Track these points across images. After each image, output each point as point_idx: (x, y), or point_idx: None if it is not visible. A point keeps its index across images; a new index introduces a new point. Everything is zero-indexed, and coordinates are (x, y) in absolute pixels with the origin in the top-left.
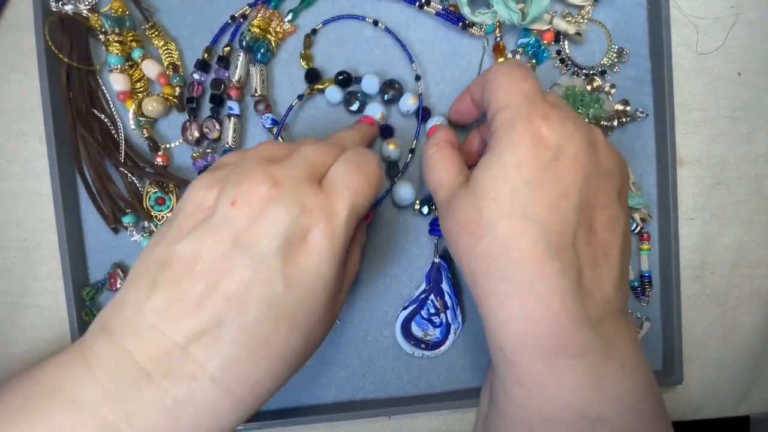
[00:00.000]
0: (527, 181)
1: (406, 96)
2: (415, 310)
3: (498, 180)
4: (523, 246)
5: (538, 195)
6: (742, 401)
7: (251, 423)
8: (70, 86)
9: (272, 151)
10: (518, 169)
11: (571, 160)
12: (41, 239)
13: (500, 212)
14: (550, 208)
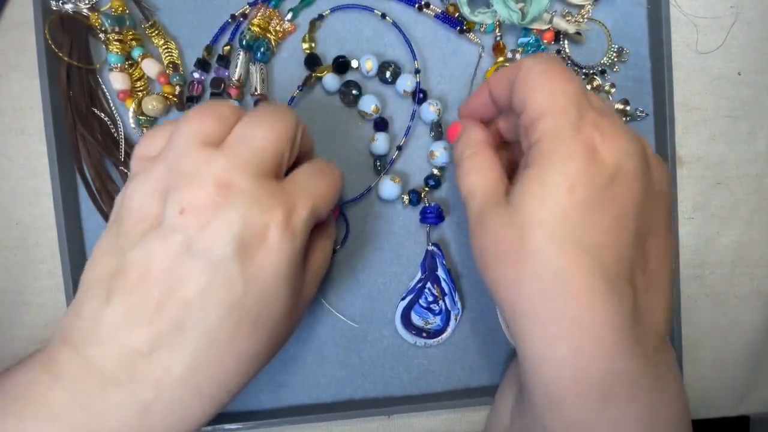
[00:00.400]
0: (581, 204)
1: (404, 77)
2: (413, 299)
3: (547, 203)
4: (578, 280)
5: (592, 220)
6: (742, 401)
7: (250, 422)
8: (70, 85)
9: (207, 127)
10: (571, 192)
11: (629, 180)
12: (41, 238)
13: (548, 241)
14: (606, 234)
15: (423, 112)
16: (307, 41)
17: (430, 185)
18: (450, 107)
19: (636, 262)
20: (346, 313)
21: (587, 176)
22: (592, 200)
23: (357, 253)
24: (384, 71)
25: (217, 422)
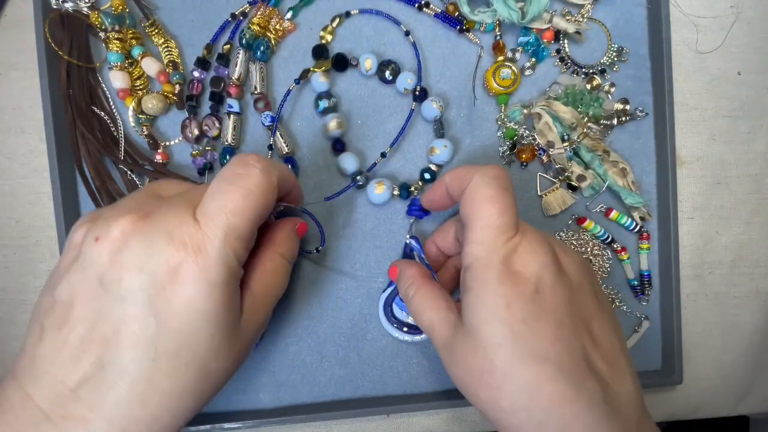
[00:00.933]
0: (522, 320)
1: (404, 75)
2: (393, 291)
3: (494, 324)
4: (546, 390)
5: (538, 332)
6: (742, 401)
7: (250, 421)
8: (70, 83)
9: (167, 187)
10: (509, 309)
11: (550, 288)
12: (40, 237)
13: (510, 359)
14: (553, 341)
15: (425, 110)
16: (327, 32)
17: (425, 179)
18: (450, 105)
19: (589, 352)
20: (346, 313)
21: (517, 293)
22: (529, 312)
23: (356, 252)
24: (383, 70)
25: (216, 421)
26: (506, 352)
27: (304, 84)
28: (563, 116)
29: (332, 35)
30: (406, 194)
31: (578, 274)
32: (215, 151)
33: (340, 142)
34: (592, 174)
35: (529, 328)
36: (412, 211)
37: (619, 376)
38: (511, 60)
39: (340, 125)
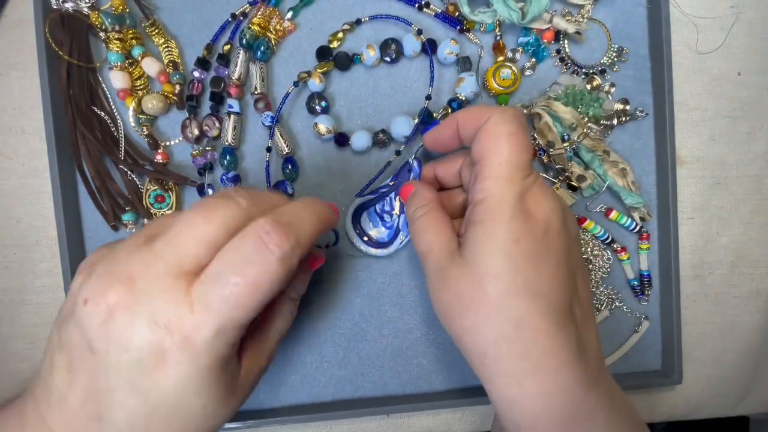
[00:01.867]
0: (528, 256)
1: (408, 39)
2: (372, 201)
3: (498, 256)
4: (534, 323)
5: (539, 269)
6: (742, 401)
7: (250, 421)
8: (70, 84)
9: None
10: (517, 244)
11: (557, 232)
12: (41, 236)
13: (507, 290)
14: (551, 280)
15: (441, 59)
16: (335, 38)
17: (453, 107)
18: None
19: (573, 299)
20: (346, 313)
21: (528, 230)
22: (535, 250)
23: (356, 253)
24: (386, 50)
25: None
26: (503, 284)
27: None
28: (563, 116)
29: (340, 42)
30: (428, 118)
31: (574, 229)
32: (215, 151)
33: (342, 135)
34: (592, 174)
35: (532, 265)
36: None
37: (589, 325)
38: (511, 60)
39: (329, 131)
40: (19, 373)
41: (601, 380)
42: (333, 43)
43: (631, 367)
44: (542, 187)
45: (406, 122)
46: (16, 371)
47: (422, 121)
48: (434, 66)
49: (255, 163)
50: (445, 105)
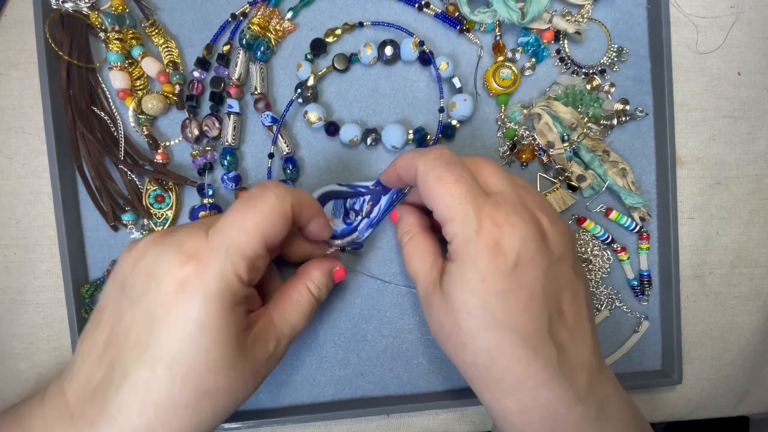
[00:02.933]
0: (495, 293)
1: (407, 43)
2: (344, 193)
3: (467, 294)
4: (506, 353)
5: (507, 305)
6: (741, 401)
7: (250, 422)
8: (70, 84)
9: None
10: (484, 283)
11: (530, 262)
12: (40, 237)
13: (477, 325)
14: (522, 313)
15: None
16: (331, 34)
17: (444, 134)
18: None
19: (554, 321)
20: (346, 314)
21: (495, 269)
22: (502, 287)
23: (357, 253)
24: (383, 49)
25: None
26: (474, 320)
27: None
28: (563, 116)
29: (337, 38)
30: (421, 139)
31: (562, 244)
32: (215, 151)
33: (333, 125)
34: (592, 174)
35: (499, 301)
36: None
37: (578, 342)
38: (511, 60)
39: (319, 119)
40: (19, 372)
41: (592, 394)
42: (329, 38)
43: (631, 367)
44: (509, 216)
45: (399, 131)
46: (16, 371)
47: (416, 140)
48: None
49: (255, 162)
50: (439, 133)
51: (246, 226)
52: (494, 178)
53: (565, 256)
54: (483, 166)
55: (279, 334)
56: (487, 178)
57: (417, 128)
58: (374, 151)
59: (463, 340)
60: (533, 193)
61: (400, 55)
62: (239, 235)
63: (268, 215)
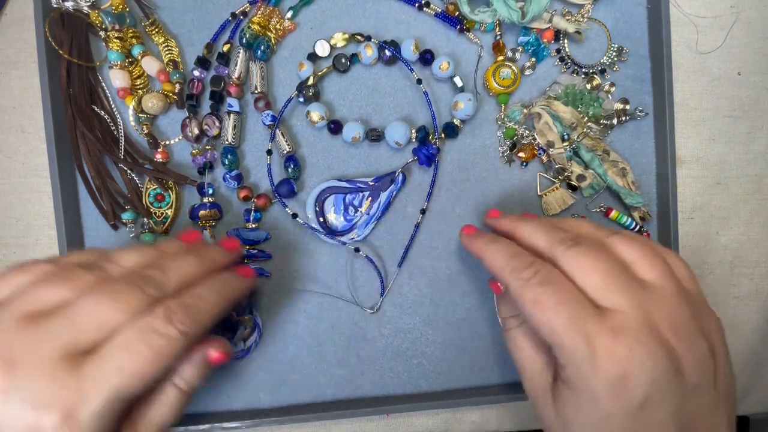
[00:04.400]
0: (620, 430)
1: (407, 43)
2: (344, 189)
3: (588, 428)
4: None
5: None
6: (742, 401)
7: (250, 421)
8: (70, 82)
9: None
10: (607, 422)
11: (659, 402)
12: (40, 235)
13: None
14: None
15: (435, 73)
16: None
17: (447, 133)
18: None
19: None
20: (346, 313)
21: (619, 409)
22: (629, 426)
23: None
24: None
25: (216, 421)
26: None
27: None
28: (563, 116)
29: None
30: (423, 137)
31: (699, 371)
32: (215, 151)
33: (336, 123)
34: (592, 174)
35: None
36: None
37: None
38: (511, 60)
39: (321, 118)
40: None
41: None
42: (333, 40)
43: None
44: (630, 341)
45: (402, 129)
46: None
47: (419, 139)
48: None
49: (255, 161)
50: (441, 130)
51: (141, 373)
52: (608, 288)
53: (702, 383)
54: (591, 268)
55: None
56: (600, 288)
57: (419, 127)
58: (376, 149)
59: None
60: (670, 299)
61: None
62: (131, 381)
63: (171, 359)
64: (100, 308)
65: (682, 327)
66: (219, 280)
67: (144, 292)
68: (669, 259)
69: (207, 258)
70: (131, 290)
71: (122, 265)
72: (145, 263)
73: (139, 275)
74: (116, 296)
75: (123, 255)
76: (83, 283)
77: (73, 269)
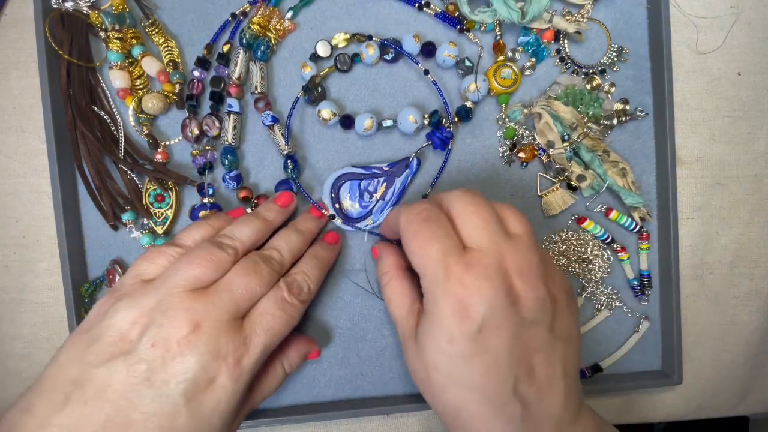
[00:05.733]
0: (460, 354)
1: (408, 39)
2: (359, 175)
3: (436, 351)
4: (470, 409)
5: (472, 366)
6: (742, 401)
7: (250, 421)
8: (70, 83)
9: (202, 274)
10: (450, 344)
11: (495, 327)
12: (40, 236)
13: (444, 381)
14: (485, 374)
15: (440, 62)
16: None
17: (461, 117)
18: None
19: (521, 381)
20: (346, 313)
21: (461, 332)
22: (467, 350)
23: (357, 253)
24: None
25: None
26: (442, 376)
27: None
28: (563, 116)
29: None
30: (436, 122)
31: (536, 309)
32: (215, 151)
33: (348, 117)
34: (592, 174)
35: (464, 363)
36: (432, 135)
37: (547, 399)
38: (511, 60)
39: (333, 115)
40: (18, 372)
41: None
42: (334, 40)
43: (631, 367)
44: (478, 280)
45: (415, 112)
46: (16, 371)
47: (433, 124)
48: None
49: (255, 162)
50: (455, 114)
51: (280, 332)
52: (477, 231)
53: (538, 320)
54: (470, 216)
55: (252, 405)
56: (471, 231)
57: (432, 111)
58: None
59: (433, 391)
60: (523, 249)
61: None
62: (274, 339)
63: (296, 321)
64: (250, 283)
65: (526, 271)
66: (317, 255)
67: (273, 269)
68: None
69: (308, 233)
70: (267, 269)
71: (243, 240)
72: (257, 238)
73: (266, 256)
74: (259, 274)
75: (237, 230)
76: (222, 262)
77: (209, 249)
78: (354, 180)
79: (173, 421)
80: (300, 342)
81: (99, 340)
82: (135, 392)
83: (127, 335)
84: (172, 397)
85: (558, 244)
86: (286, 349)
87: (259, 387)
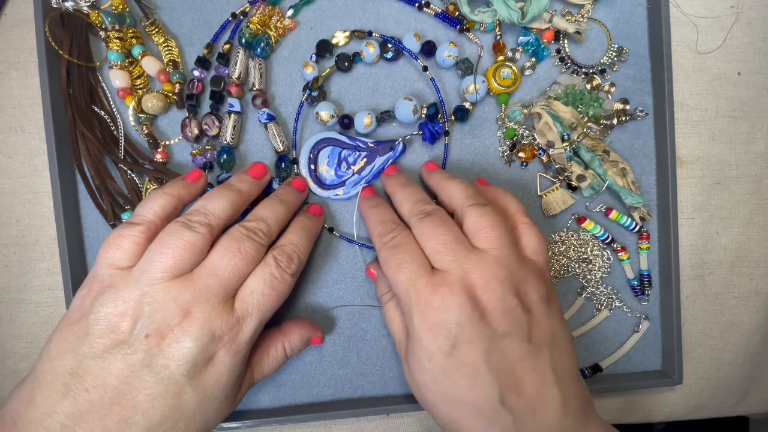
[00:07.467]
0: (442, 370)
1: (408, 37)
2: (340, 143)
3: (420, 371)
4: (464, 422)
5: (455, 381)
6: (742, 401)
7: (250, 421)
8: (70, 83)
9: (175, 261)
10: (430, 362)
11: (467, 342)
12: (40, 235)
13: (434, 398)
14: (470, 388)
15: (440, 62)
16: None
17: (458, 116)
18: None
19: (507, 392)
20: (346, 313)
21: (436, 349)
22: (447, 366)
23: (357, 253)
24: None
25: None
26: (432, 393)
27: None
28: (563, 116)
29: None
30: (433, 113)
31: (507, 322)
32: (215, 151)
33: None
34: (592, 174)
35: (448, 378)
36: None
37: (542, 408)
38: (511, 60)
39: (331, 116)
40: (19, 372)
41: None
42: (335, 39)
43: (631, 367)
44: (444, 292)
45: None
46: (16, 370)
47: (428, 115)
48: (433, 70)
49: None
50: (452, 113)
51: (272, 307)
52: (439, 255)
53: (511, 331)
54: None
55: (252, 381)
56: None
57: (430, 104)
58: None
59: (428, 408)
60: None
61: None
62: (266, 314)
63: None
64: (237, 265)
65: (492, 283)
66: (304, 226)
67: (259, 243)
68: (522, 230)
69: (291, 204)
70: (252, 245)
71: (218, 215)
72: (233, 212)
73: (250, 230)
74: (245, 253)
75: (211, 205)
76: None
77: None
78: (336, 147)
79: (179, 398)
80: (304, 326)
81: (90, 332)
82: (136, 377)
83: (117, 327)
84: (175, 377)
85: (558, 244)
86: (288, 332)
87: (260, 366)
